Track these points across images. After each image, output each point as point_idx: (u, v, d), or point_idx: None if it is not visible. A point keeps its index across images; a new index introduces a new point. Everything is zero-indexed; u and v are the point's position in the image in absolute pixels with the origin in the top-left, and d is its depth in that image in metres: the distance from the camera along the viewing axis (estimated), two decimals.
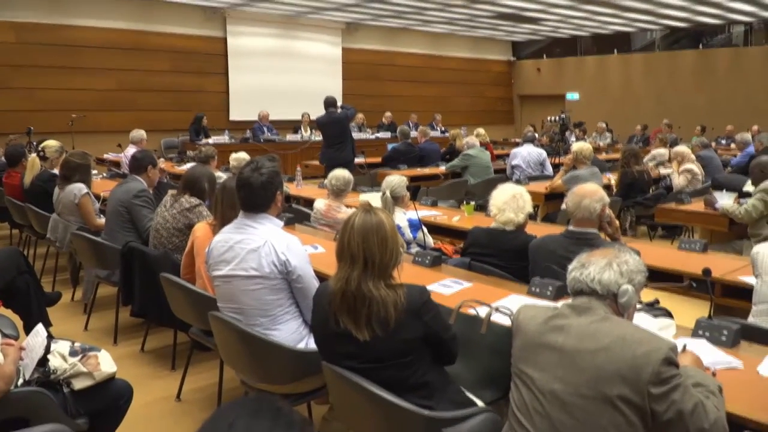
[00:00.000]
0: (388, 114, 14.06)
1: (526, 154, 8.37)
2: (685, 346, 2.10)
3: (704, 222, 5.39)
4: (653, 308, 2.70)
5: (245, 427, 0.89)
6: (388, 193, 4.22)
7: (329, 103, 8.45)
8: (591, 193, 3.09)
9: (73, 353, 2.40)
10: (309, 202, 5.57)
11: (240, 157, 6.02)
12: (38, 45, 11.10)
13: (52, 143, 5.95)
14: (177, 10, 12.67)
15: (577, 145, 6.52)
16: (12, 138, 8.95)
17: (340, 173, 4.74)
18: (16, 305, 3.64)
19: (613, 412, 1.67)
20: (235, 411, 0.94)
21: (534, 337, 1.86)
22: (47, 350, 2.35)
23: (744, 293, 3.21)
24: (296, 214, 4.96)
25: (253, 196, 2.69)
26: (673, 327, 2.48)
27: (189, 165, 6.60)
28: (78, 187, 4.79)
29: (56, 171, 5.89)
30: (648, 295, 2.98)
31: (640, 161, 6.88)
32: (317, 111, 9.06)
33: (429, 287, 2.89)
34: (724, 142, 12.68)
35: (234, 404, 0.99)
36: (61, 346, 2.42)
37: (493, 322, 2.40)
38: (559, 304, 1.96)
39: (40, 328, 2.42)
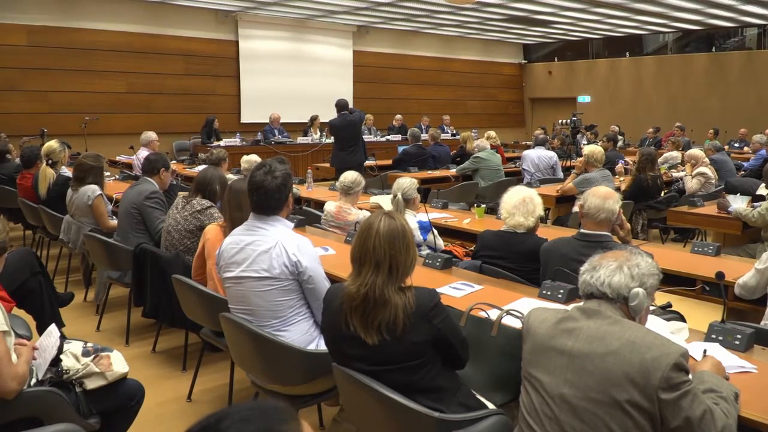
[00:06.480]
0: (398, 116, 14.07)
1: (536, 157, 8.25)
2: (705, 351, 2.07)
3: (717, 225, 5.34)
4: (665, 312, 2.69)
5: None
6: (399, 196, 4.21)
7: (342, 106, 8.44)
8: (610, 194, 3.08)
9: (85, 353, 2.42)
10: (320, 205, 5.58)
11: (251, 159, 6.05)
12: (51, 48, 11.20)
13: (52, 145, 5.87)
14: (189, 14, 12.75)
15: (588, 148, 6.47)
16: (25, 140, 9.08)
17: (350, 174, 4.77)
18: (29, 306, 3.67)
19: (623, 417, 1.65)
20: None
21: (544, 341, 1.84)
22: (60, 350, 2.37)
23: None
24: (307, 216, 4.97)
25: (267, 199, 2.68)
26: (685, 330, 2.47)
27: (200, 167, 6.62)
28: (92, 189, 4.82)
29: (68, 171, 5.94)
30: (660, 298, 2.97)
31: (655, 167, 6.82)
32: (328, 113, 9.05)
33: (440, 290, 2.90)
34: (737, 145, 12.59)
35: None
36: (74, 347, 2.44)
37: (504, 324, 2.39)
38: (570, 307, 1.94)
39: (53, 329, 2.44)
